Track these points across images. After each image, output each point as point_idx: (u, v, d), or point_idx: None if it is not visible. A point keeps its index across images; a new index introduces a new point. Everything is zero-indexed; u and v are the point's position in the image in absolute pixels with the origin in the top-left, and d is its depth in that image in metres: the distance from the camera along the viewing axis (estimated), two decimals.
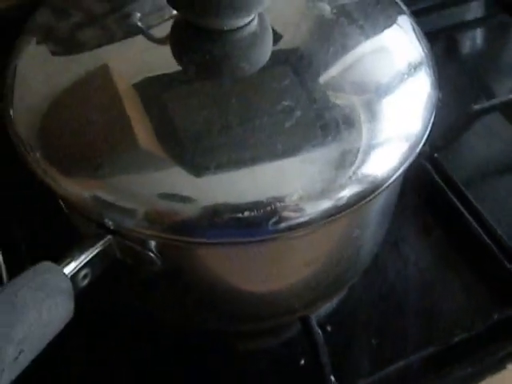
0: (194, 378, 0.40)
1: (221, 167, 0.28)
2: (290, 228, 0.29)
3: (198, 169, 0.28)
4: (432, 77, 0.33)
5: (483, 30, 0.65)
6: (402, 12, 0.36)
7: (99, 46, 0.34)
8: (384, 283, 0.45)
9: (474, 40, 0.63)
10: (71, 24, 0.35)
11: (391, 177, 0.31)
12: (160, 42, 0.33)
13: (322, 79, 0.32)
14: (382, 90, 0.32)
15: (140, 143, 0.30)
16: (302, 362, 0.42)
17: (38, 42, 0.34)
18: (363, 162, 0.30)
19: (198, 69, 0.32)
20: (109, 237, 0.29)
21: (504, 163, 0.54)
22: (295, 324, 0.42)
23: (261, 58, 0.32)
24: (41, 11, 0.36)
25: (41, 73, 0.33)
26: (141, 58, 0.33)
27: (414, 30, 0.36)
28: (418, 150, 0.31)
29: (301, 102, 0.31)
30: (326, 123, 0.31)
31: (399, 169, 0.31)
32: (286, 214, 0.29)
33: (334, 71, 0.32)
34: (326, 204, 0.29)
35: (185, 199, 0.28)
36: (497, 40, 0.64)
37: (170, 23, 0.34)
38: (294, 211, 0.29)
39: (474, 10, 0.65)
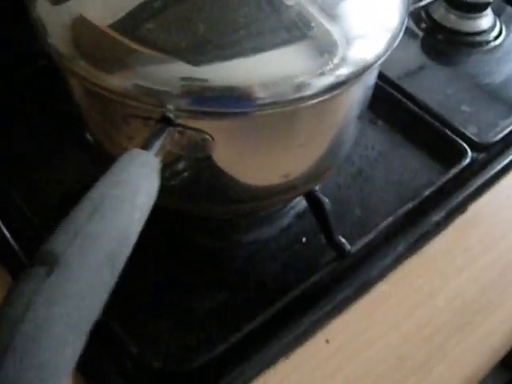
0: (202, 273, 0.47)
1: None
2: (304, 99, 0.35)
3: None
4: None
5: None
6: None
7: None
8: (352, 166, 0.54)
9: None
10: None
11: (379, 58, 0.38)
12: None
13: None
14: None
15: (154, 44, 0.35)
16: (304, 239, 0.49)
17: None
18: (355, 47, 0.37)
19: None
20: (169, 128, 0.35)
21: (418, 61, 0.65)
22: (287, 213, 0.50)
23: None
24: None
25: None
26: None
27: None
28: (399, 38, 0.39)
29: (291, 8, 0.37)
30: (319, 20, 0.37)
31: (385, 53, 0.38)
32: (296, 89, 0.35)
33: None
34: (327, 80, 0.36)
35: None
36: None
37: None
38: (303, 86, 0.35)
39: None
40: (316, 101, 0.35)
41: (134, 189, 0.30)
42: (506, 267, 0.46)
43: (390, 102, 0.57)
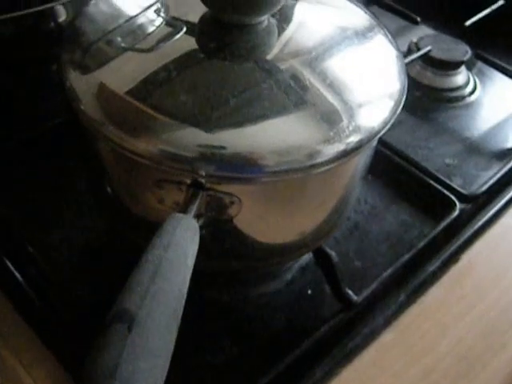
0: (212, 327, 0.51)
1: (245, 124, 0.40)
2: (319, 165, 0.41)
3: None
4: (392, 41, 0.48)
5: None
6: None
7: (137, 38, 0.44)
8: (349, 220, 0.60)
9: None
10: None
11: (385, 126, 0.44)
12: (188, 33, 0.45)
13: (318, 60, 0.44)
14: (366, 61, 0.46)
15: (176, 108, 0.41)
16: (309, 292, 0.55)
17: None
18: (362, 114, 0.43)
19: (223, 53, 0.43)
20: (201, 192, 0.40)
21: (399, 117, 0.72)
22: (292, 267, 0.55)
23: (270, 46, 0.45)
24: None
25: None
26: (173, 44, 0.44)
27: (358, 6, 0.51)
28: (401, 104, 0.45)
29: (303, 77, 0.43)
30: (328, 90, 0.43)
31: (391, 119, 0.44)
32: (309, 156, 0.41)
33: (325, 53, 0.45)
34: (338, 148, 0.41)
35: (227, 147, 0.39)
36: None
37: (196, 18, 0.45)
38: (314, 154, 0.41)
39: None
40: (330, 166, 0.41)
41: (184, 251, 0.35)
42: (502, 311, 0.52)
43: (378, 158, 0.63)
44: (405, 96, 0.45)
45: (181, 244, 0.35)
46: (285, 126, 0.41)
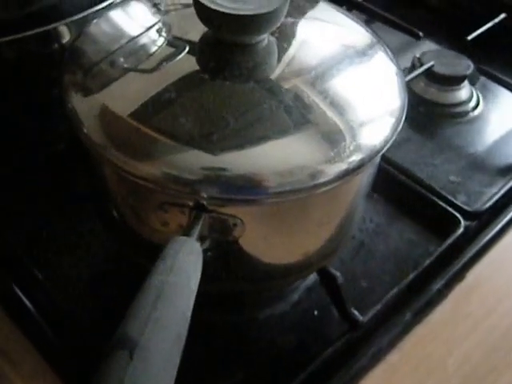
0: (220, 349, 0.52)
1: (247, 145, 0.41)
2: (321, 185, 0.42)
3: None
4: (393, 59, 0.49)
5: None
6: (345, 13, 0.53)
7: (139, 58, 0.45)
8: (354, 239, 0.60)
9: None
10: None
11: (387, 143, 0.44)
12: (190, 53, 0.45)
13: (318, 79, 0.45)
14: (367, 79, 0.47)
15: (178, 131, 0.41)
16: (316, 312, 0.55)
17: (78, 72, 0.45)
18: (363, 133, 0.43)
19: (223, 73, 0.44)
20: (204, 215, 0.41)
21: (403, 134, 0.72)
22: (299, 288, 0.56)
23: (270, 65, 0.46)
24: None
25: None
26: (175, 65, 0.45)
27: (361, 24, 0.51)
28: (402, 120, 0.46)
29: (303, 97, 0.44)
30: (329, 109, 0.44)
31: (392, 136, 0.45)
32: (312, 176, 0.41)
33: (325, 72, 0.46)
34: (340, 167, 0.42)
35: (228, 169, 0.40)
36: None
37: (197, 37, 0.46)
38: (316, 174, 0.42)
39: None
40: (332, 186, 0.41)
41: (187, 275, 0.35)
42: (508, 329, 0.53)
43: (382, 175, 0.64)
44: (405, 113, 0.46)
45: (184, 268, 0.35)
46: (286, 146, 0.41)
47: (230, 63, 0.44)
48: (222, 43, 0.45)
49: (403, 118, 0.45)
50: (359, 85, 0.46)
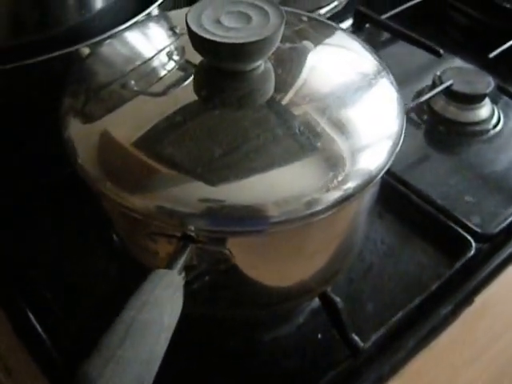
0: (225, 373, 0.50)
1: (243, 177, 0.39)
2: (314, 214, 0.39)
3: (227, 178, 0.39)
4: (394, 84, 0.46)
5: None
6: (347, 33, 0.50)
7: (134, 89, 0.44)
8: (363, 261, 0.57)
9: None
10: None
11: (383, 168, 0.41)
12: (185, 81, 0.44)
13: (315, 104, 0.43)
14: (364, 103, 0.44)
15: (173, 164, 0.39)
16: (319, 336, 0.52)
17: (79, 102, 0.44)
18: (360, 159, 0.41)
19: (221, 102, 0.42)
20: (191, 245, 0.39)
21: (421, 153, 0.69)
22: (303, 310, 0.53)
23: (268, 91, 0.43)
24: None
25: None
26: (170, 94, 0.43)
27: (364, 47, 0.48)
28: (399, 146, 0.43)
29: (298, 123, 0.41)
30: (324, 135, 0.41)
31: (388, 161, 0.42)
32: (306, 206, 0.39)
33: (321, 97, 0.44)
34: (335, 195, 0.40)
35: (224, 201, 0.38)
36: None
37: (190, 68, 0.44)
38: (313, 203, 0.40)
39: None
40: (326, 215, 0.39)
41: (160, 311, 0.33)
42: None
43: (395, 196, 0.61)
44: (402, 139, 0.43)
45: (158, 303, 0.34)
46: (280, 176, 0.39)
47: (225, 90, 0.43)
48: (217, 70, 0.43)
49: (400, 143, 0.43)
50: (356, 110, 0.43)
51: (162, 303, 0.34)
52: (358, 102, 0.44)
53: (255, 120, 0.41)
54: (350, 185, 0.40)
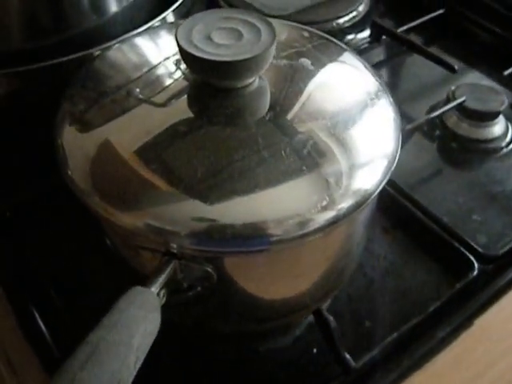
0: (216, 379, 0.48)
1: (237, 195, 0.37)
2: (309, 234, 0.37)
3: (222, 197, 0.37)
4: (392, 103, 0.43)
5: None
6: (350, 51, 0.47)
7: (126, 106, 0.42)
8: (364, 277, 0.55)
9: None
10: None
11: (378, 188, 0.39)
12: (181, 96, 0.42)
13: (309, 122, 0.41)
14: (359, 122, 0.41)
15: (164, 182, 0.38)
16: (315, 350, 0.50)
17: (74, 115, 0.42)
18: (356, 177, 0.39)
19: (213, 118, 0.40)
20: (174, 261, 0.37)
21: (432, 169, 0.66)
22: (301, 324, 0.51)
23: (261, 108, 0.41)
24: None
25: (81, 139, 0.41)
26: (169, 107, 0.41)
27: (365, 65, 0.46)
28: (394, 164, 0.40)
29: (292, 141, 0.40)
30: (318, 153, 0.39)
31: (383, 181, 0.39)
32: (298, 226, 0.37)
33: (316, 115, 0.41)
34: (328, 215, 0.37)
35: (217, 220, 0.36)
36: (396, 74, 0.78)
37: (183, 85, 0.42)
38: (305, 223, 0.37)
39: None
40: (318, 235, 0.37)
41: (130, 332, 0.31)
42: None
43: (401, 212, 0.58)
44: (397, 159, 0.41)
45: (128, 324, 0.32)
46: (272, 195, 0.37)
47: (217, 107, 0.41)
48: (209, 86, 0.41)
49: (395, 163, 0.40)
50: (350, 130, 0.41)
51: (133, 324, 0.32)
52: (353, 121, 0.42)
53: (244, 138, 0.39)
54: (344, 205, 0.37)
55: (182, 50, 0.39)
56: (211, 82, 0.40)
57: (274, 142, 0.39)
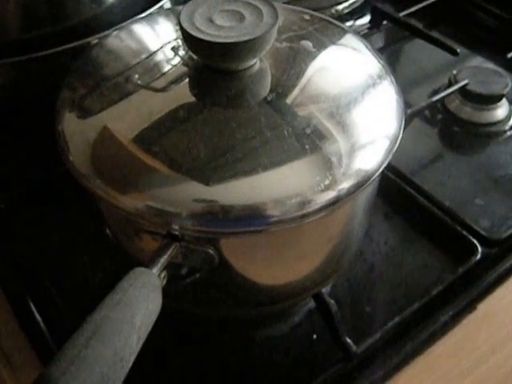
0: (216, 368, 0.49)
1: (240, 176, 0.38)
2: (310, 214, 0.38)
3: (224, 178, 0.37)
4: (395, 84, 0.44)
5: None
6: (352, 33, 0.48)
7: (128, 90, 0.43)
8: (365, 262, 0.56)
9: None
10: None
11: (379, 168, 0.40)
12: (180, 81, 0.42)
13: (311, 104, 0.41)
14: (361, 103, 0.42)
15: (166, 165, 0.38)
16: (315, 336, 0.51)
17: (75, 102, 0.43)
18: (357, 158, 0.39)
19: (214, 101, 0.41)
20: (175, 244, 0.38)
21: (434, 153, 0.67)
22: (299, 310, 0.52)
23: (262, 90, 0.42)
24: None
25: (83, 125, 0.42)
26: (169, 91, 0.42)
27: (367, 47, 0.47)
28: (396, 145, 0.41)
29: (293, 122, 0.40)
30: (320, 134, 0.40)
31: (384, 161, 0.40)
32: (298, 207, 0.38)
33: (318, 96, 0.42)
34: (329, 195, 0.38)
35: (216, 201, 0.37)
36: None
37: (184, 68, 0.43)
38: (306, 204, 0.38)
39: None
40: (319, 216, 0.38)
41: (133, 311, 0.32)
42: None
43: (402, 197, 0.59)
44: (399, 140, 0.41)
45: (131, 303, 0.33)
46: (274, 176, 0.38)
47: (216, 89, 0.42)
48: (210, 69, 0.42)
49: (397, 144, 0.41)
50: (352, 111, 0.42)
51: (135, 303, 0.33)
52: (355, 102, 0.42)
53: (245, 120, 0.40)
54: (345, 185, 0.38)
55: (184, 33, 0.40)
56: (213, 65, 0.41)
57: (275, 123, 0.40)
